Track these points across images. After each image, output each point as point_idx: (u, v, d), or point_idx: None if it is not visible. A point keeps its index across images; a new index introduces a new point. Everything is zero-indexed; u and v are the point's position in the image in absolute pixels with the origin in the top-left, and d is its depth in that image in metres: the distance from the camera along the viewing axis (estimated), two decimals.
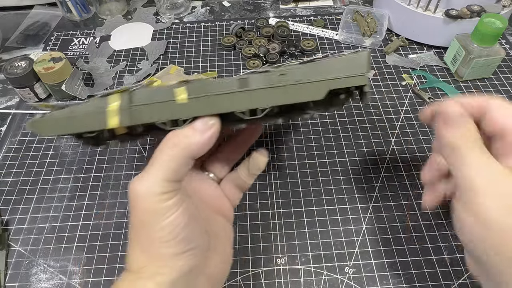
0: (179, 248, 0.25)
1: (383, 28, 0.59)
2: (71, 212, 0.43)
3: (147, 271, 0.25)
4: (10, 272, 0.39)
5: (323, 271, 0.38)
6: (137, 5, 0.72)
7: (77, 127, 0.28)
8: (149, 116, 0.28)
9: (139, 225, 0.25)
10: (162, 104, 0.28)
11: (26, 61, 0.52)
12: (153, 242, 0.25)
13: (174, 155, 0.26)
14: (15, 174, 0.47)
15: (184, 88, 0.28)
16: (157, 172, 0.25)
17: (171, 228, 0.25)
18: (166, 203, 0.25)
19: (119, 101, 0.28)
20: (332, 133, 0.49)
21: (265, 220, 0.41)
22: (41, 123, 0.28)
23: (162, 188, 0.25)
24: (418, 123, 0.49)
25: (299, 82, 0.28)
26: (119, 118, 0.28)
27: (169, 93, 0.28)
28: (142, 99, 0.28)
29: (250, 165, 0.34)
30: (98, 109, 0.28)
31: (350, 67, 0.28)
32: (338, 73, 0.28)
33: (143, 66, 0.59)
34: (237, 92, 0.28)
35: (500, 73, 0.55)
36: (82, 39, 0.65)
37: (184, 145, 0.26)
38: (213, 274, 0.29)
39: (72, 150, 0.49)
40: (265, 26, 0.63)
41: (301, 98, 0.28)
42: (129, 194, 0.26)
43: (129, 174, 0.46)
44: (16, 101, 0.56)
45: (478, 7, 0.53)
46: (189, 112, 0.28)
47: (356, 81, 0.28)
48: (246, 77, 0.28)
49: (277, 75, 0.28)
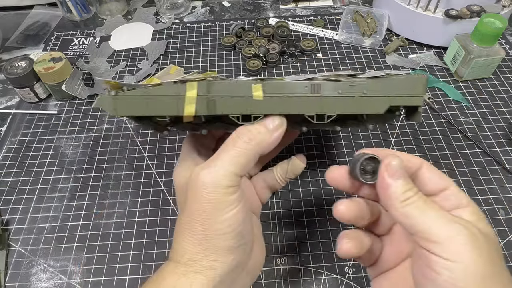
0: (234, 242, 0.25)
1: (383, 28, 0.59)
2: (71, 212, 0.43)
3: (198, 264, 0.25)
4: (10, 272, 0.39)
5: (323, 271, 0.38)
6: (137, 5, 0.72)
7: (152, 110, 0.28)
8: (223, 108, 0.28)
9: (198, 215, 0.25)
10: (238, 98, 0.28)
11: (26, 61, 0.52)
12: (211, 234, 0.25)
13: (247, 149, 0.26)
14: (15, 174, 0.47)
15: (260, 86, 0.29)
16: (228, 165, 0.25)
17: (231, 222, 0.25)
18: (231, 197, 0.25)
19: (196, 89, 0.28)
20: (332, 133, 0.49)
21: (265, 220, 0.41)
22: (116, 101, 0.28)
23: (231, 181, 0.25)
24: (418, 123, 0.49)
25: (366, 95, 0.30)
26: (195, 106, 0.28)
27: (246, 88, 0.29)
28: (220, 91, 0.28)
29: (288, 168, 0.35)
30: (176, 94, 0.28)
31: (410, 87, 0.30)
32: (399, 92, 0.30)
33: (143, 66, 0.59)
34: (309, 97, 0.29)
35: (500, 73, 0.55)
36: (82, 39, 0.65)
37: (258, 140, 0.27)
38: (252, 267, 0.29)
39: (72, 150, 0.49)
40: (265, 26, 0.63)
41: (365, 110, 0.30)
42: (193, 184, 0.26)
43: (129, 174, 0.46)
44: (16, 101, 0.56)
45: (478, 7, 0.53)
46: (262, 109, 0.29)
47: (413, 101, 0.30)
48: (319, 83, 0.29)
49: (347, 86, 0.30)
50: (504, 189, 0.43)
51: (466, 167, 0.45)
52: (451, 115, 0.50)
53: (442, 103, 0.52)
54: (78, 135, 0.50)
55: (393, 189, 0.24)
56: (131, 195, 0.44)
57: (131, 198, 0.44)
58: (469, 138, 0.47)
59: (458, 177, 0.44)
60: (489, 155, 0.46)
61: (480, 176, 0.44)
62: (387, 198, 0.24)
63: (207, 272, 0.25)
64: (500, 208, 0.41)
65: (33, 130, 0.51)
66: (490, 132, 0.48)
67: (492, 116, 0.50)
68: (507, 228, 0.40)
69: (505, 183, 0.43)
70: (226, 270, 0.25)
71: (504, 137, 0.47)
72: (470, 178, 0.44)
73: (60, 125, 0.52)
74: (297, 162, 0.35)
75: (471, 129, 0.48)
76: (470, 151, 0.46)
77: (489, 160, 0.45)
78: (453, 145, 0.47)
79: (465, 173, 0.44)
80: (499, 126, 0.49)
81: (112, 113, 0.28)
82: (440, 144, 0.47)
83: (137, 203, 0.43)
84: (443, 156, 0.46)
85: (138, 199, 0.44)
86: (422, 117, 0.31)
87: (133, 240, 0.40)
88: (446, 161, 0.45)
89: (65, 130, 0.51)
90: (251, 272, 0.29)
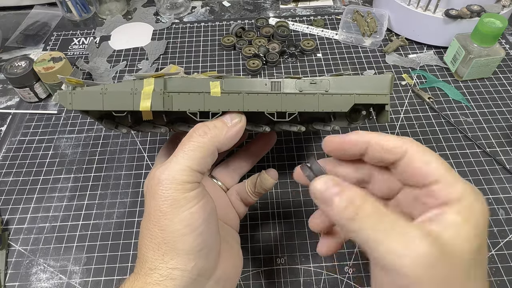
0: (194, 245, 0.24)
1: (383, 28, 0.59)
2: (71, 212, 0.43)
3: (157, 273, 0.24)
4: (10, 272, 0.39)
5: (323, 271, 0.38)
6: (137, 5, 0.72)
7: (108, 105, 0.28)
8: (180, 104, 0.28)
9: (155, 215, 0.24)
10: (196, 94, 0.28)
11: (26, 61, 0.52)
12: (169, 236, 0.24)
13: (203, 143, 0.26)
14: (15, 174, 0.47)
15: (219, 82, 0.29)
16: (183, 159, 0.25)
17: (190, 222, 0.24)
18: (188, 194, 0.24)
19: (153, 85, 0.28)
20: (332, 133, 0.49)
21: (265, 220, 0.41)
22: (71, 96, 0.28)
23: (187, 176, 0.24)
24: (418, 123, 0.49)
25: (328, 93, 0.30)
26: (151, 101, 0.28)
27: (204, 85, 0.29)
28: (177, 87, 0.28)
29: (257, 182, 0.34)
30: (132, 90, 0.28)
31: (375, 86, 0.30)
32: (364, 90, 0.30)
33: (143, 66, 0.59)
34: (269, 94, 0.29)
35: (500, 73, 0.55)
36: (82, 39, 0.65)
37: (214, 134, 0.26)
38: (224, 278, 0.28)
39: (72, 150, 0.49)
40: (265, 26, 0.63)
41: (328, 108, 0.30)
42: (150, 183, 0.25)
43: (129, 174, 0.46)
44: (16, 101, 0.56)
45: (478, 7, 0.53)
46: (220, 106, 0.29)
47: (379, 99, 0.30)
48: (279, 80, 0.29)
49: (308, 83, 0.30)
50: (504, 189, 0.43)
51: (466, 167, 0.45)
52: (451, 115, 0.50)
53: (442, 103, 0.52)
54: (78, 135, 0.50)
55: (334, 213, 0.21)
56: (131, 195, 0.44)
57: (131, 198, 0.44)
58: (469, 138, 0.47)
59: None
60: (489, 155, 0.46)
61: (480, 176, 0.44)
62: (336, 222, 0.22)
63: (166, 283, 0.23)
64: (500, 208, 0.41)
65: (33, 130, 0.51)
66: (490, 132, 0.48)
67: (492, 116, 0.50)
68: (507, 228, 0.40)
69: (505, 183, 0.43)
70: (187, 279, 0.24)
71: (504, 137, 0.47)
72: (470, 178, 0.44)
73: (60, 125, 0.52)
74: (266, 177, 0.34)
75: (471, 129, 0.48)
76: (470, 151, 0.46)
77: (489, 160, 0.45)
78: (453, 145, 0.47)
79: (465, 173, 0.44)
80: (499, 126, 0.49)
81: (68, 107, 0.28)
82: (440, 144, 0.47)
83: (137, 203, 0.43)
84: (443, 156, 0.46)
85: (138, 199, 0.44)
86: (389, 118, 0.31)
87: (133, 240, 0.40)
88: (446, 161, 0.45)
89: (65, 130, 0.51)
90: (221, 282, 0.27)
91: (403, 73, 0.56)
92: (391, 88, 0.30)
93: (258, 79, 0.29)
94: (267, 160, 0.46)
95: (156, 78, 0.28)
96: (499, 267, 0.37)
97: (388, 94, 0.30)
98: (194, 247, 0.24)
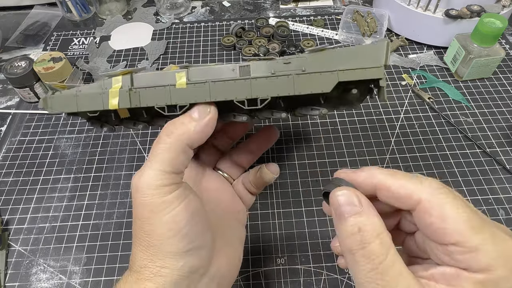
0: (180, 247, 0.24)
1: (383, 28, 0.59)
2: (71, 212, 0.43)
3: (147, 271, 0.24)
4: (10, 272, 0.39)
5: (323, 271, 0.38)
6: (137, 5, 0.72)
7: (81, 106, 0.28)
8: (147, 100, 0.28)
9: (139, 221, 0.24)
10: (161, 88, 0.27)
11: (26, 61, 0.52)
12: (154, 240, 0.24)
13: (171, 143, 0.25)
14: (15, 174, 0.47)
15: (184, 73, 0.27)
16: (154, 163, 0.24)
17: (172, 225, 0.24)
18: (166, 197, 0.24)
19: (121, 83, 0.28)
20: (332, 133, 0.49)
21: (265, 220, 0.41)
22: (51, 100, 0.29)
23: (161, 180, 0.24)
24: (418, 123, 0.49)
25: (305, 72, 0.26)
26: (118, 99, 0.28)
27: (169, 78, 0.27)
28: (143, 82, 0.28)
29: (257, 176, 0.34)
30: (101, 90, 0.28)
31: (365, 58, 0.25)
32: (349, 65, 0.25)
33: (143, 66, 0.59)
34: (236, 80, 0.26)
35: (500, 73, 0.55)
36: (82, 39, 0.65)
37: (181, 131, 0.25)
38: (219, 275, 0.27)
39: (72, 150, 0.49)
40: (265, 26, 0.63)
41: (305, 90, 0.26)
42: (131, 189, 0.25)
43: (129, 174, 0.46)
44: (16, 101, 0.56)
45: (478, 7, 0.53)
46: (187, 98, 0.27)
47: (369, 73, 0.25)
48: (248, 64, 0.27)
49: (281, 64, 0.26)
50: (504, 189, 0.43)
51: (466, 167, 0.45)
52: (451, 115, 0.50)
53: (442, 103, 0.52)
54: (78, 135, 0.50)
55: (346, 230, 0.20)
56: (131, 195, 0.44)
57: (131, 198, 0.44)
58: (469, 138, 0.47)
59: (458, 177, 0.44)
60: (489, 155, 0.46)
61: (480, 176, 0.44)
62: None
63: (157, 279, 0.24)
64: (500, 208, 0.41)
65: (33, 130, 0.51)
66: (490, 132, 0.48)
67: (492, 116, 0.50)
68: None
69: (505, 183, 0.43)
70: (177, 277, 0.24)
71: (504, 137, 0.47)
72: (470, 178, 0.44)
73: (60, 125, 0.52)
74: (266, 171, 0.33)
75: (471, 129, 0.48)
76: (470, 151, 0.46)
77: (489, 160, 0.45)
78: (453, 145, 0.47)
79: (465, 173, 0.44)
80: (499, 126, 0.49)
81: (49, 111, 0.29)
82: (440, 144, 0.47)
83: None
84: (443, 156, 0.46)
85: None
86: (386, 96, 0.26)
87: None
88: (446, 161, 0.45)
89: (65, 130, 0.51)
90: (217, 279, 0.27)
91: (403, 73, 0.56)
92: (387, 59, 0.25)
93: (226, 65, 0.27)
94: (267, 160, 0.46)
95: (123, 75, 0.28)
96: None
97: (381, 66, 0.25)
98: (181, 249, 0.24)
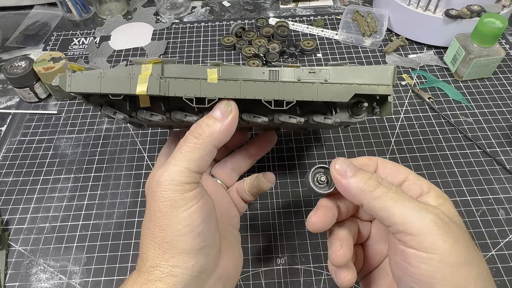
0: (194, 244, 0.25)
1: (383, 28, 0.59)
2: (71, 212, 0.43)
3: (158, 271, 0.24)
4: (10, 272, 0.39)
5: (323, 271, 0.38)
6: (137, 5, 0.72)
7: (105, 88, 0.28)
8: (176, 90, 0.28)
9: (155, 216, 0.25)
10: (192, 80, 0.28)
11: (26, 61, 0.52)
12: (169, 236, 0.24)
13: (199, 144, 0.26)
14: (15, 174, 0.47)
15: (216, 70, 0.29)
16: (181, 161, 0.25)
17: (189, 221, 0.24)
18: (187, 194, 0.25)
19: (151, 71, 0.28)
20: (332, 133, 0.49)
21: (265, 220, 0.41)
22: (70, 79, 0.29)
23: (185, 177, 0.25)
24: (418, 123, 0.49)
25: (327, 82, 0.29)
26: (147, 85, 0.28)
27: (201, 72, 0.29)
28: (174, 73, 0.28)
29: (253, 184, 0.34)
30: (130, 74, 0.28)
31: (376, 76, 0.29)
32: (365, 80, 0.29)
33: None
34: (266, 82, 0.29)
35: (500, 73, 0.55)
36: (82, 39, 0.65)
37: (208, 133, 0.26)
38: (225, 276, 0.28)
39: (72, 150, 0.49)
40: (265, 26, 0.63)
41: (327, 97, 0.29)
42: (150, 185, 0.26)
43: (129, 174, 0.46)
44: (16, 101, 0.56)
45: (478, 7, 0.53)
46: (217, 93, 0.28)
47: (381, 89, 0.29)
48: (277, 69, 0.29)
49: (307, 73, 0.29)
50: (504, 189, 0.43)
51: (466, 167, 0.45)
52: (451, 115, 0.50)
53: (442, 103, 0.52)
54: (78, 135, 0.50)
55: (354, 186, 0.24)
56: (131, 195, 0.44)
57: (131, 198, 0.44)
58: (469, 138, 0.47)
59: (458, 177, 0.44)
60: (489, 155, 0.46)
61: (480, 176, 0.44)
62: (355, 197, 0.24)
63: (168, 280, 0.24)
64: (500, 208, 0.41)
65: (33, 130, 0.51)
66: (490, 132, 0.48)
67: (492, 116, 0.50)
68: (507, 228, 0.40)
69: (505, 183, 0.43)
70: (188, 277, 0.24)
71: (504, 137, 0.47)
72: (470, 178, 0.44)
73: (60, 125, 0.52)
74: (263, 180, 0.34)
75: (471, 129, 0.48)
76: (470, 151, 0.46)
77: (489, 160, 0.45)
78: (453, 145, 0.47)
79: (465, 173, 0.44)
80: (499, 126, 0.49)
81: (67, 90, 0.29)
82: (440, 144, 0.47)
83: (137, 203, 0.43)
84: (443, 156, 0.46)
85: (138, 199, 0.44)
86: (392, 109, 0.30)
87: (133, 240, 0.40)
88: (446, 161, 0.45)
89: (65, 130, 0.51)
90: (222, 280, 0.28)
91: (403, 73, 0.56)
92: (394, 80, 0.30)
93: (256, 68, 0.29)
94: (267, 160, 0.46)
95: (154, 63, 0.28)
96: (499, 267, 0.37)
97: (391, 85, 0.29)
98: (194, 246, 0.25)
